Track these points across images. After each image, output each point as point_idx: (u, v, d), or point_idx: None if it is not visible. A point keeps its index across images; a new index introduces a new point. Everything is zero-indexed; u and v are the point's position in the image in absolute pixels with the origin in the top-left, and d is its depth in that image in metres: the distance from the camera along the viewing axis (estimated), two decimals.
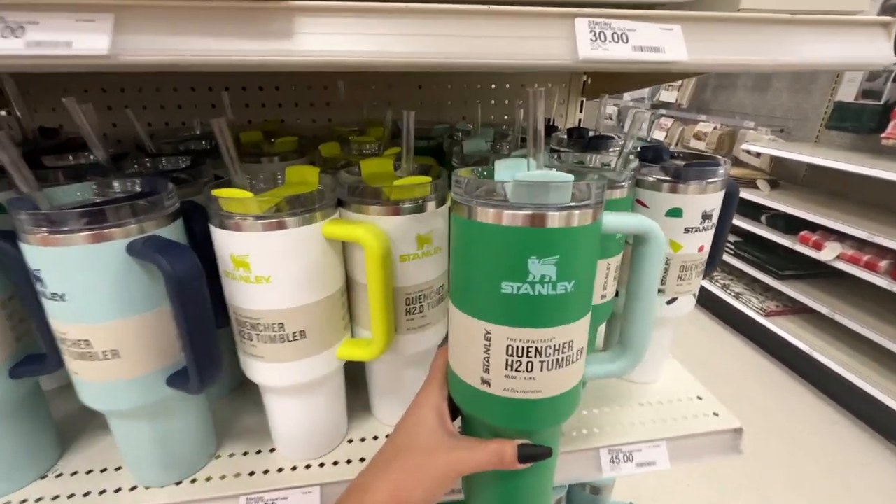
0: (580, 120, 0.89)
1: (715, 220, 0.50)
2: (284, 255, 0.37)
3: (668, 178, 0.48)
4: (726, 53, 0.33)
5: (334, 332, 0.43)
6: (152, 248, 0.34)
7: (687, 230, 0.49)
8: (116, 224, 0.34)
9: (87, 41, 0.26)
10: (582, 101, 0.87)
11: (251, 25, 0.28)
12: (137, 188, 0.41)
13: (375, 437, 0.51)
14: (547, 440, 0.36)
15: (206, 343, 0.37)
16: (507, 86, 0.85)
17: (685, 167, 0.47)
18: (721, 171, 0.48)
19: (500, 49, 0.30)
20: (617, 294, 0.55)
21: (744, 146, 2.51)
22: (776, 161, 2.58)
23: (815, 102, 2.46)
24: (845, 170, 1.89)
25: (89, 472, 0.46)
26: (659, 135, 3.28)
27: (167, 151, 0.59)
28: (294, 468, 0.47)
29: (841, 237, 1.98)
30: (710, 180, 0.47)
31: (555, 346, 0.31)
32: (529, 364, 0.31)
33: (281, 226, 0.36)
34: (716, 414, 0.54)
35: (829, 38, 0.35)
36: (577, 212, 0.29)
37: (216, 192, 0.36)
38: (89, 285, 0.34)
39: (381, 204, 0.40)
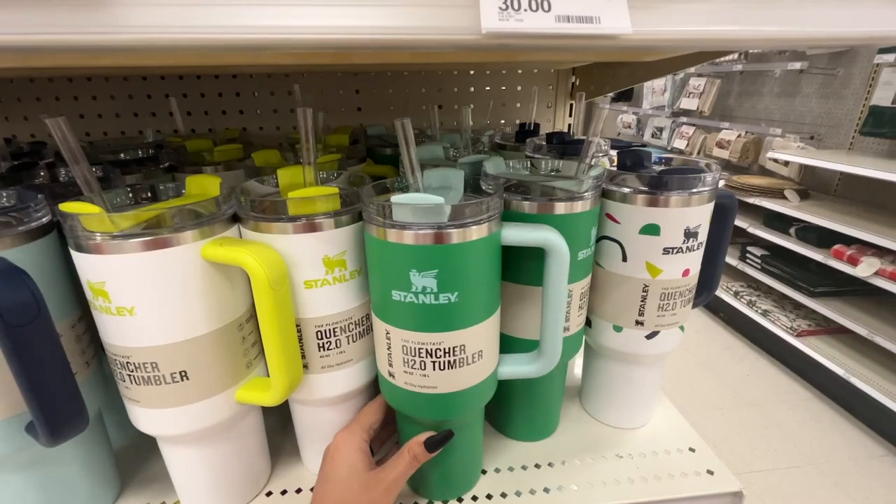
0: (570, 125, 0.81)
1: (703, 238, 0.41)
2: (150, 282, 0.31)
3: (642, 188, 0.40)
4: (687, 23, 0.25)
5: (230, 371, 0.36)
6: None
7: (666, 251, 0.40)
8: None
9: None
10: (571, 105, 0.79)
11: None
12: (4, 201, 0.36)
13: (299, 490, 0.44)
14: (462, 424, 0.40)
15: (53, 389, 0.30)
16: (487, 88, 0.78)
17: (662, 175, 0.39)
18: (708, 178, 0.39)
19: (374, 23, 0.23)
20: (589, 324, 0.47)
21: (770, 154, 2.36)
22: (806, 170, 2.42)
23: (848, 107, 2.30)
24: (883, 179, 1.74)
25: None
26: (680, 143, 3.15)
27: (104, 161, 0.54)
28: None
29: (879, 252, 1.81)
30: (693, 191, 0.39)
31: (445, 349, 0.34)
32: (422, 363, 0.35)
33: (143, 247, 0.30)
34: (710, 472, 0.45)
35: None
36: (455, 230, 0.31)
37: (64, 206, 0.30)
38: None
39: (278, 220, 0.34)
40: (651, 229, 0.40)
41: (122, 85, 0.72)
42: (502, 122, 0.80)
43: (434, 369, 0.34)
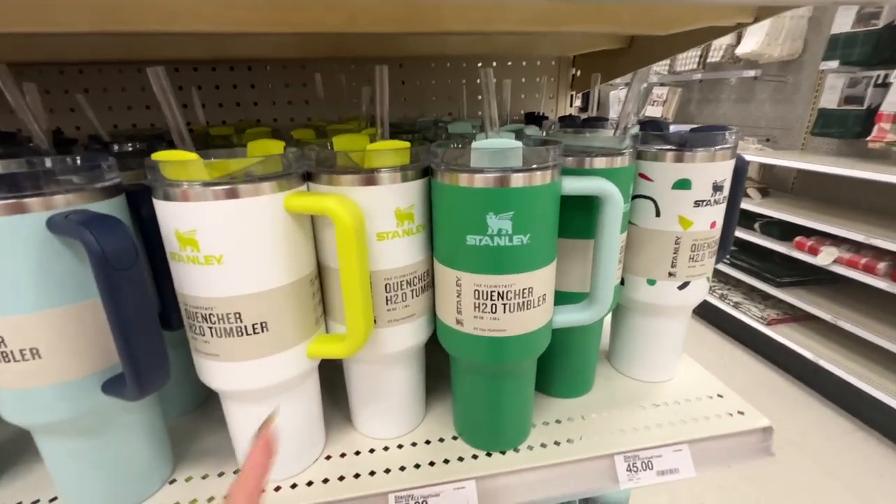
0: (570, 114, 0.85)
1: (726, 192, 0.46)
2: (239, 231, 0.32)
3: (672, 147, 0.44)
4: None
5: (303, 326, 0.37)
6: (76, 221, 0.28)
7: (697, 203, 0.44)
8: (34, 193, 0.29)
9: None
10: (571, 95, 0.84)
11: None
12: (74, 163, 0.36)
13: (357, 453, 0.44)
14: (519, 373, 0.42)
15: (145, 339, 0.31)
16: (494, 79, 0.82)
17: (691, 133, 0.43)
18: (730, 137, 0.44)
19: None
20: (623, 282, 0.50)
21: None
22: (765, 169, 2.59)
23: (798, 111, 2.49)
24: (836, 174, 1.89)
25: None
26: None
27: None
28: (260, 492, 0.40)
29: (836, 241, 1.96)
30: (718, 147, 0.43)
31: (515, 290, 0.36)
32: (493, 306, 0.36)
33: (233, 194, 0.31)
34: (741, 412, 0.49)
35: None
36: (527, 174, 0.34)
37: (156, 155, 0.31)
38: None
39: (352, 173, 0.35)
40: (683, 184, 0.44)
41: (135, 77, 0.71)
42: (508, 111, 0.84)
43: (505, 312, 0.36)
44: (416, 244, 0.39)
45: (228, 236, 0.32)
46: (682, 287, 0.48)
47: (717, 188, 0.44)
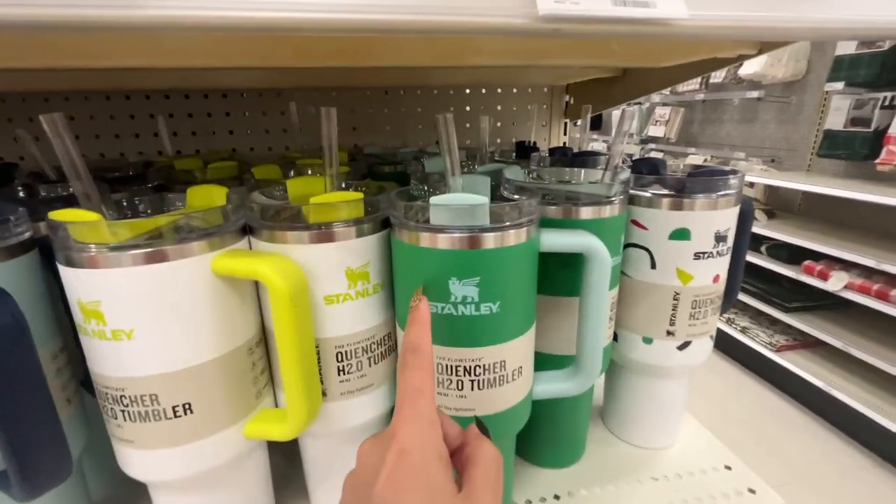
0: (565, 143, 0.81)
1: (730, 243, 0.41)
2: (152, 301, 0.27)
3: (669, 192, 0.39)
4: (744, 8, 0.24)
5: (240, 403, 0.32)
6: None
7: (697, 256, 0.39)
8: None
9: None
10: (565, 123, 0.80)
11: None
12: None
13: None
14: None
15: (34, 430, 0.26)
16: (482, 107, 0.78)
17: (690, 178, 0.38)
18: (734, 182, 0.39)
19: (419, 2, 0.21)
20: (616, 338, 0.45)
21: None
22: (770, 191, 2.53)
23: (803, 132, 2.45)
24: (844, 196, 1.83)
25: None
26: None
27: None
28: None
29: (846, 266, 1.89)
30: (721, 193, 0.38)
31: (484, 365, 0.31)
32: (459, 383, 0.32)
33: (146, 259, 0.26)
34: (752, 490, 0.43)
35: None
36: (496, 234, 0.29)
37: (55, 214, 0.27)
38: None
39: (296, 229, 0.31)
40: (681, 234, 0.39)
41: (103, 104, 0.68)
42: (499, 141, 0.80)
43: (472, 389, 0.31)
44: (374, 306, 0.34)
45: (139, 308, 0.27)
46: (682, 347, 0.42)
47: (719, 238, 0.39)
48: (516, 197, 0.37)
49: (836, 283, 1.87)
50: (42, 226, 0.33)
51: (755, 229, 2.21)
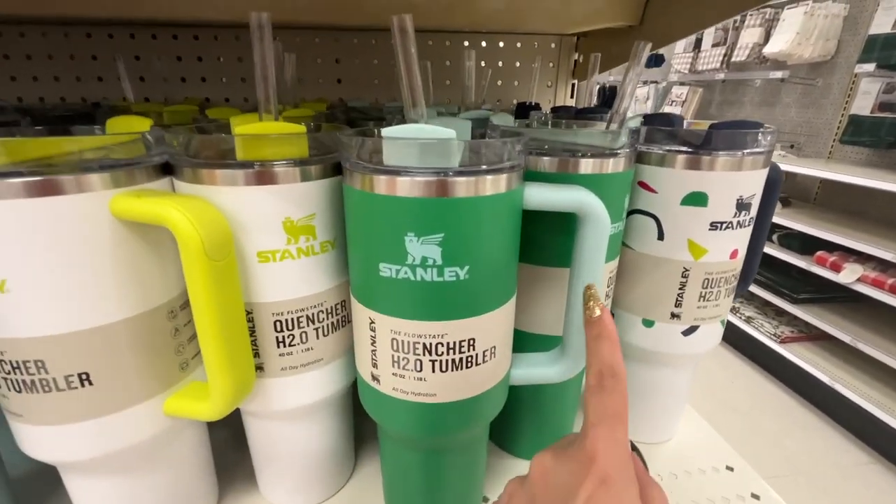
0: (567, 105, 0.74)
1: (753, 213, 0.34)
2: (33, 244, 0.22)
3: (684, 148, 0.32)
4: None
5: (156, 374, 0.27)
6: None
7: (714, 226, 0.33)
8: None
9: None
10: (573, 84, 0.73)
11: None
12: None
13: None
14: (462, 446, 0.32)
15: None
16: (482, 63, 0.70)
17: (711, 130, 0.32)
18: (765, 138, 0.32)
19: None
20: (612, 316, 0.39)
21: None
22: (787, 177, 2.43)
23: (827, 117, 2.33)
24: (865, 185, 1.74)
25: None
26: None
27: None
28: None
29: (862, 258, 1.82)
30: (748, 151, 0.32)
31: (448, 344, 0.26)
32: (418, 363, 0.26)
33: (25, 190, 0.21)
34: (755, 496, 0.38)
35: None
36: (467, 178, 0.23)
37: None
38: None
39: (223, 167, 0.25)
40: (696, 199, 0.32)
41: (62, 42, 0.61)
42: (498, 101, 0.73)
43: (433, 371, 0.26)
44: (321, 268, 0.28)
45: (16, 252, 0.22)
46: (687, 332, 0.36)
47: (742, 206, 0.33)
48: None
49: (848, 275, 1.80)
50: None
51: None
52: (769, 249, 2.13)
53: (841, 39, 2.23)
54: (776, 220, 2.09)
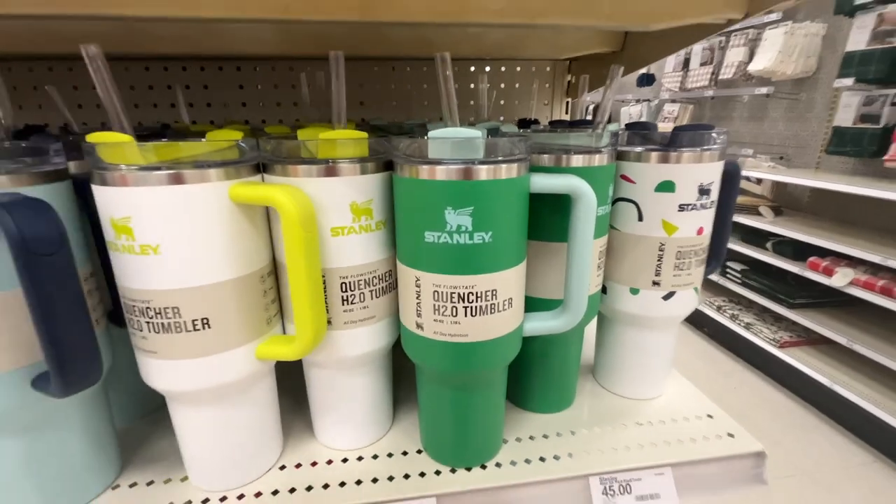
0: (562, 119, 0.83)
1: (714, 197, 0.43)
2: (178, 219, 0.30)
3: (656, 146, 0.41)
4: None
5: (252, 325, 0.35)
6: None
7: (682, 207, 0.41)
8: None
9: None
10: (567, 102, 0.82)
11: None
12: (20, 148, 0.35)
13: (314, 464, 0.42)
14: (486, 384, 0.39)
15: (70, 332, 0.29)
16: (486, 85, 0.80)
17: (675, 132, 0.40)
18: (717, 137, 0.41)
19: None
20: (605, 290, 0.47)
21: (743, 173, 2.46)
22: (778, 187, 2.53)
23: (812, 129, 2.44)
24: (851, 193, 1.83)
25: None
26: None
27: None
28: (205, 501, 0.38)
29: (852, 262, 1.89)
30: (705, 147, 0.41)
31: (477, 293, 0.34)
32: (454, 309, 0.34)
33: (171, 180, 0.29)
34: (731, 435, 0.45)
35: None
36: (489, 167, 0.31)
37: (91, 136, 0.30)
38: None
39: (305, 163, 0.33)
40: (666, 186, 0.41)
41: (122, 75, 0.71)
42: (501, 118, 0.82)
43: (466, 315, 0.34)
44: (376, 242, 0.37)
45: (165, 225, 0.30)
46: (667, 297, 0.44)
47: (703, 191, 0.41)
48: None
49: (841, 279, 1.87)
50: (73, 164, 0.36)
51: (761, 226, 2.21)
52: (764, 257, 2.21)
53: (821, 56, 2.36)
54: (770, 228, 2.17)
